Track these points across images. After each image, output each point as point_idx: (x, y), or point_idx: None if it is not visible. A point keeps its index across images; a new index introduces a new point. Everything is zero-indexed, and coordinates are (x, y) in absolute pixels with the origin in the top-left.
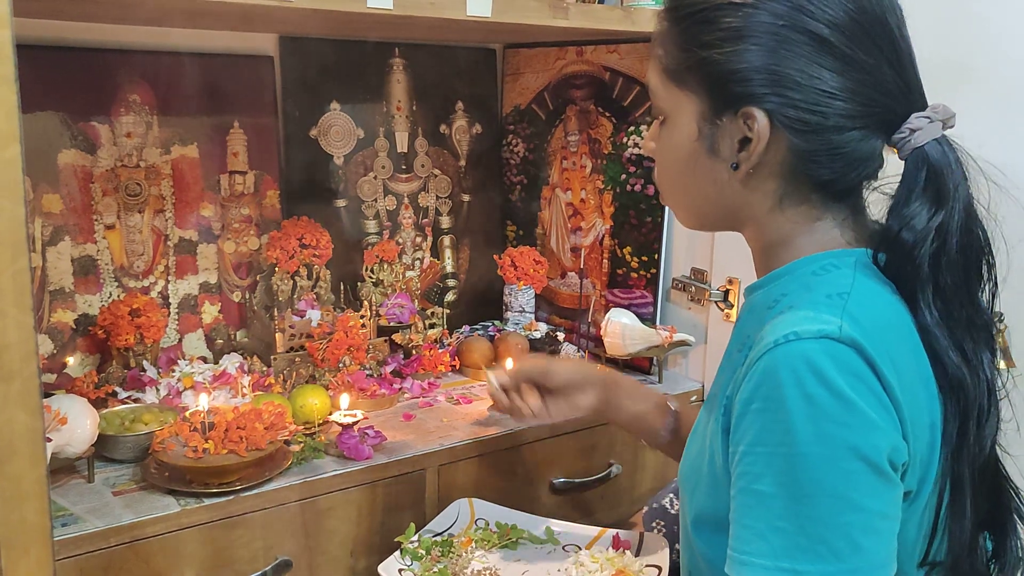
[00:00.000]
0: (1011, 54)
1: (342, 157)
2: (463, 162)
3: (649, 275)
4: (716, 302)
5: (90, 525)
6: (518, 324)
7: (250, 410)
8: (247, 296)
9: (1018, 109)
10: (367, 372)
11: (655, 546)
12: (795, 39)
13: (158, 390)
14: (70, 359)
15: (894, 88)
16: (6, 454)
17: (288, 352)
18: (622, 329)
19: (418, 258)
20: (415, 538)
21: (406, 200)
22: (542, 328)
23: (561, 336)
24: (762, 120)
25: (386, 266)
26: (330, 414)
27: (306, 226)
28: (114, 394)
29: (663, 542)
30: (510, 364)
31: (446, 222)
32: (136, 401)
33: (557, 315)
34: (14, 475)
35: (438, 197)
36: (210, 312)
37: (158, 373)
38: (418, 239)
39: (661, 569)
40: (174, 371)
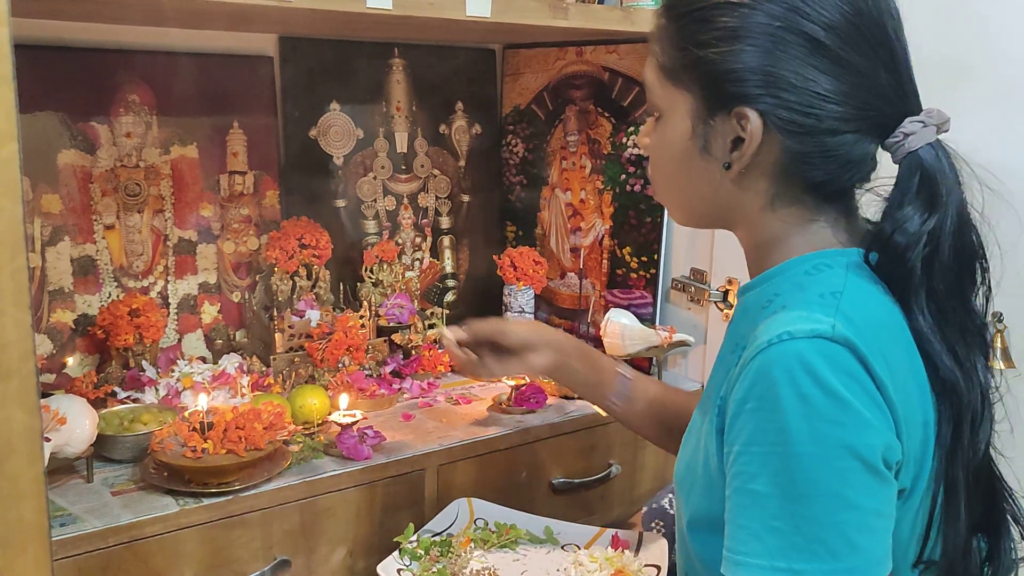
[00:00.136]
0: (1010, 52)
1: (341, 157)
2: (463, 162)
3: (648, 275)
4: (716, 302)
5: (89, 525)
6: None
7: (249, 410)
8: (246, 296)
9: (1017, 107)
10: (366, 372)
11: (654, 546)
12: (791, 41)
13: (157, 390)
14: (69, 359)
15: (889, 92)
16: (4, 452)
17: (287, 352)
18: (621, 329)
19: (418, 258)
20: (414, 538)
21: (406, 200)
22: None
23: None
24: (755, 120)
25: (385, 266)
26: (329, 414)
27: (305, 226)
28: (113, 394)
29: (662, 542)
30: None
31: (446, 222)
32: (135, 401)
33: (557, 315)
34: (12, 474)
35: (437, 197)
36: (209, 312)
37: (157, 373)
38: (418, 239)
39: (660, 569)
40: (173, 371)
